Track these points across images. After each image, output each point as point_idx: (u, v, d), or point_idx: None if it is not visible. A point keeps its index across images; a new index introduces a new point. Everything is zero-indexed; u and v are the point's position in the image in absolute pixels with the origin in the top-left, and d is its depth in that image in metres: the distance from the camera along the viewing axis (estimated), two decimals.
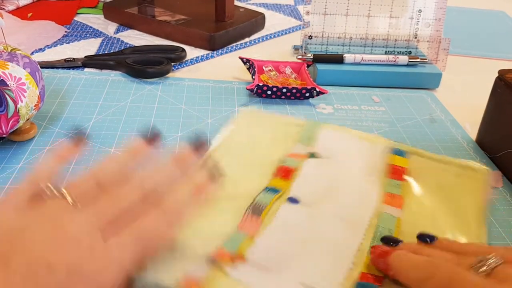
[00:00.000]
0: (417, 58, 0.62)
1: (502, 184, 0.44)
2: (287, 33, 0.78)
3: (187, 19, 0.71)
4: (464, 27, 0.86)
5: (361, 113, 0.54)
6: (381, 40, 0.64)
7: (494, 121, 0.48)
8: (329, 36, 0.63)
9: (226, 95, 0.56)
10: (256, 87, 0.54)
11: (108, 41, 0.69)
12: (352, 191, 0.39)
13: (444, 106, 0.57)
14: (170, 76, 0.59)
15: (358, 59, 0.61)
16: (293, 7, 0.90)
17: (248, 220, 0.36)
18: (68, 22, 0.74)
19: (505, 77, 0.46)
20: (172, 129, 0.48)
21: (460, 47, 0.76)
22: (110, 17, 0.76)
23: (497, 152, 0.47)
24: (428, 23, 0.64)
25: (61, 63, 0.59)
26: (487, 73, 0.53)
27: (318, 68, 0.60)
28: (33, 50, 0.64)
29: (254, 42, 0.73)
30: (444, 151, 0.48)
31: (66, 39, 0.68)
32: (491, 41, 0.82)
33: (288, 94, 0.55)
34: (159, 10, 0.74)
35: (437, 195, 0.39)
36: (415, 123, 0.53)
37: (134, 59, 0.59)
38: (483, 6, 0.99)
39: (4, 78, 0.39)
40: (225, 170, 0.33)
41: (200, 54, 0.66)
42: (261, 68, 0.59)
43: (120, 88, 0.55)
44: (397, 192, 0.39)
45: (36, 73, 0.42)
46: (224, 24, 0.71)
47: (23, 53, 0.43)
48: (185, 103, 0.53)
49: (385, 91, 0.60)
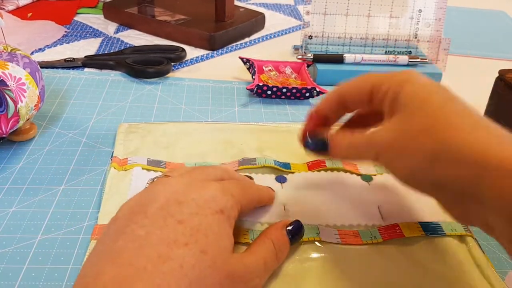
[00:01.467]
0: (417, 58, 0.62)
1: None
2: (287, 33, 0.78)
3: (187, 19, 0.71)
4: (464, 27, 0.86)
5: None
6: (381, 40, 0.64)
7: (494, 121, 0.47)
8: (329, 36, 0.63)
9: (226, 95, 0.56)
10: (256, 87, 0.54)
11: (108, 41, 0.68)
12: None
13: None
14: (170, 76, 0.59)
15: (358, 59, 0.61)
16: (293, 7, 0.90)
17: (231, 164, 0.41)
18: (68, 22, 0.74)
19: (505, 77, 0.46)
20: None
21: (460, 47, 0.75)
22: (110, 17, 0.76)
23: None
24: (428, 23, 0.64)
25: (61, 63, 0.59)
26: (487, 73, 0.53)
27: (318, 68, 0.60)
28: (33, 50, 0.64)
29: (254, 42, 0.73)
30: None
31: (66, 39, 0.68)
32: (491, 41, 0.81)
33: (288, 94, 0.55)
34: (159, 10, 0.74)
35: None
36: None
37: (134, 59, 0.59)
38: (483, 6, 0.99)
39: (4, 78, 0.39)
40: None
41: (200, 54, 0.66)
42: (261, 68, 0.59)
43: (120, 88, 0.55)
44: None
45: (36, 73, 0.42)
46: (224, 24, 0.71)
47: (23, 53, 0.43)
48: (185, 103, 0.53)
49: None
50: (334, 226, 0.36)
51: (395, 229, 0.35)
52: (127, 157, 0.41)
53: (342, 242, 0.34)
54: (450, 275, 0.32)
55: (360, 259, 0.33)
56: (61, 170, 0.41)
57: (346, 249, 0.34)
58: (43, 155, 0.42)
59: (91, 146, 0.44)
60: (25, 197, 0.37)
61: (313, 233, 0.34)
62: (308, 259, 0.33)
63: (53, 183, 0.39)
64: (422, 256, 0.34)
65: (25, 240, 0.33)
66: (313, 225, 0.35)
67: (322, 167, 0.42)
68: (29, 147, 0.43)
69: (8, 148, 0.43)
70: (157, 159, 0.41)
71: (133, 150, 0.43)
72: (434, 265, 0.33)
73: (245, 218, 0.35)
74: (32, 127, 0.44)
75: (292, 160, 0.43)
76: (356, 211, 0.37)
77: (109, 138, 0.45)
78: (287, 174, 0.41)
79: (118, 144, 0.43)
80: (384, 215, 0.37)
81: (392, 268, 0.33)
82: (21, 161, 0.41)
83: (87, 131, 0.46)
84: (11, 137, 0.43)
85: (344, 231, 0.35)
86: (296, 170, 0.42)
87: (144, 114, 0.50)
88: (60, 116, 0.49)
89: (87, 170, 0.41)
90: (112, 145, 0.44)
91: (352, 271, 0.32)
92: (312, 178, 0.41)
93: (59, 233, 0.34)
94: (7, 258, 0.32)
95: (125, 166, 0.40)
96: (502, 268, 0.34)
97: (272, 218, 0.36)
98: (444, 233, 0.35)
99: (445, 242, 0.35)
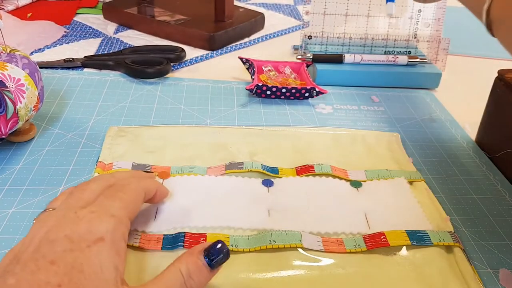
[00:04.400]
0: (416, 58, 0.62)
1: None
2: (286, 33, 0.78)
3: (187, 19, 0.71)
4: (464, 27, 0.85)
5: (361, 113, 0.54)
6: (380, 40, 0.64)
7: (493, 121, 0.48)
8: (329, 36, 0.63)
9: (226, 95, 0.56)
10: (255, 87, 0.54)
11: (107, 41, 0.68)
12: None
13: (444, 106, 0.57)
14: (170, 76, 0.59)
15: (358, 59, 0.61)
16: (293, 7, 0.90)
17: (218, 168, 0.41)
18: (68, 22, 0.74)
19: (505, 77, 0.46)
20: None
21: (459, 47, 0.75)
22: (109, 17, 0.76)
23: (496, 152, 0.47)
24: (427, 23, 0.64)
25: (60, 64, 0.59)
26: (487, 73, 0.53)
27: (318, 68, 0.60)
28: (32, 50, 0.64)
29: (253, 42, 0.73)
30: (443, 151, 0.48)
31: (66, 39, 0.68)
32: (491, 41, 0.81)
33: (287, 94, 0.55)
34: (159, 10, 0.74)
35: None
36: (414, 123, 0.53)
37: (133, 59, 0.59)
38: None
39: (3, 79, 0.39)
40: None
41: (200, 54, 0.66)
42: (261, 68, 0.59)
43: (119, 88, 0.55)
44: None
45: (35, 74, 0.42)
46: (224, 24, 0.71)
47: (22, 54, 0.43)
48: (185, 103, 0.53)
49: (384, 91, 0.60)
50: (318, 234, 0.35)
51: (380, 238, 0.35)
52: (113, 161, 0.41)
53: (325, 250, 0.34)
54: (434, 285, 0.32)
55: (343, 267, 0.33)
56: (61, 171, 0.41)
57: (329, 256, 0.34)
58: (42, 155, 0.42)
59: (91, 146, 0.44)
60: (25, 198, 0.37)
61: (296, 240, 0.34)
62: (290, 266, 0.32)
63: (52, 183, 0.39)
64: (406, 266, 0.33)
65: None
66: (296, 232, 0.35)
67: (310, 172, 0.42)
68: (29, 148, 0.43)
69: (7, 149, 0.43)
70: (143, 163, 0.41)
71: (120, 154, 0.42)
72: (416, 275, 0.32)
73: (226, 224, 0.35)
74: (32, 128, 0.44)
75: (282, 164, 0.43)
76: (342, 218, 0.37)
77: None
78: (275, 178, 0.41)
79: (105, 149, 0.43)
80: (371, 223, 0.37)
81: (377, 277, 0.32)
82: (20, 161, 0.41)
83: (87, 131, 0.46)
84: (10, 137, 0.43)
85: (328, 239, 0.35)
86: (284, 174, 0.41)
87: (144, 114, 0.50)
88: (60, 117, 0.49)
89: (87, 171, 0.41)
90: None
91: (335, 279, 0.32)
92: (299, 183, 0.40)
93: None
94: None
95: (109, 171, 0.40)
96: (495, 268, 0.35)
97: (255, 223, 0.35)
98: (431, 243, 0.34)
99: (431, 251, 0.34)
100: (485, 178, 0.45)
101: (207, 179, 0.40)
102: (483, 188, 0.43)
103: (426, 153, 0.48)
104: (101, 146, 0.44)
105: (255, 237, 0.34)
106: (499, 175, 0.45)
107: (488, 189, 0.43)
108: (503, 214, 0.40)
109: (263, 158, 0.43)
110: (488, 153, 0.48)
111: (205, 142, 0.45)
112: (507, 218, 0.40)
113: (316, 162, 0.43)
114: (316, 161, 0.43)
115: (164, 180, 0.39)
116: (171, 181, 0.39)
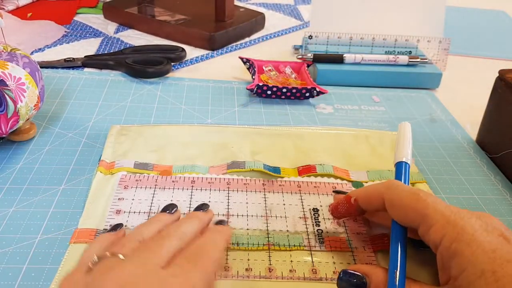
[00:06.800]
0: (417, 58, 0.62)
1: None
2: (287, 33, 0.78)
3: (187, 19, 0.71)
4: (464, 27, 0.86)
5: (361, 113, 0.54)
6: (381, 40, 0.64)
7: (494, 121, 0.48)
8: (329, 36, 0.63)
9: (226, 95, 0.56)
10: (256, 87, 0.54)
11: (108, 41, 0.68)
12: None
13: (444, 106, 0.57)
14: (170, 76, 0.59)
15: (358, 59, 0.61)
16: (293, 7, 0.90)
17: (220, 167, 0.41)
18: (68, 22, 0.74)
19: (505, 77, 0.46)
20: None
21: (460, 47, 0.75)
22: (110, 17, 0.76)
23: (497, 152, 0.47)
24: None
25: (60, 63, 0.59)
26: (487, 73, 0.53)
27: (318, 68, 0.60)
28: (32, 50, 0.64)
29: (254, 42, 0.73)
30: (444, 151, 0.48)
31: (66, 39, 0.68)
32: (491, 41, 0.81)
33: (288, 94, 0.55)
34: (159, 10, 0.74)
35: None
36: (415, 123, 0.53)
37: (134, 59, 0.59)
38: (483, 6, 0.99)
39: (4, 78, 0.39)
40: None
41: (200, 54, 0.66)
42: (261, 68, 0.59)
43: (120, 88, 0.55)
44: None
45: (35, 73, 0.42)
46: (224, 24, 0.71)
47: (22, 53, 0.43)
48: (185, 103, 0.53)
49: (385, 91, 0.60)
50: (318, 233, 0.35)
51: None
52: (115, 160, 0.41)
53: (327, 249, 0.34)
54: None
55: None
56: (61, 170, 0.40)
57: (332, 255, 0.34)
58: (43, 155, 0.42)
59: (91, 146, 0.44)
60: (25, 197, 0.37)
61: (297, 242, 0.34)
62: (291, 266, 0.32)
63: (53, 183, 0.39)
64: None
65: (25, 240, 0.33)
66: (298, 235, 0.35)
67: (312, 172, 0.42)
68: (29, 147, 0.43)
69: (8, 148, 0.43)
70: (145, 162, 0.41)
71: (122, 153, 0.42)
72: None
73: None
74: (32, 127, 0.44)
75: (284, 164, 0.43)
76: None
77: None
78: (277, 178, 0.41)
79: (107, 147, 0.43)
80: (372, 224, 0.36)
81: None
82: (21, 161, 0.41)
83: (87, 131, 0.46)
84: (11, 136, 0.43)
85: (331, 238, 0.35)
86: (286, 174, 0.41)
87: (144, 114, 0.50)
88: (60, 116, 0.48)
89: (87, 170, 0.41)
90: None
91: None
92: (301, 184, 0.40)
93: (59, 233, 0.34)
94: (7, 258, 0.32)
95: (111, 169, 0.40)
96: None
97: (255, 223, 0.36)
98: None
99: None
100: (486, 178, 0.44)
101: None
102: (484, 188, 0.43)
103: (427, 153, 0.48)
104: (101, 146, 0.44)
105: (256, 237, 0.34)
106: (500, 175, 0.45)
107: (489, 189, 0.43)
108: (504, 214, 0.40)
109: (265, 158, 0.43)
110: (489, 153, 0.48)
111: (207, 141, 0.45)
112: (508, 218, 0.40)
113: (318, 162, 0.43)
114: (318, 161, 0.43)
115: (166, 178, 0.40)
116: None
